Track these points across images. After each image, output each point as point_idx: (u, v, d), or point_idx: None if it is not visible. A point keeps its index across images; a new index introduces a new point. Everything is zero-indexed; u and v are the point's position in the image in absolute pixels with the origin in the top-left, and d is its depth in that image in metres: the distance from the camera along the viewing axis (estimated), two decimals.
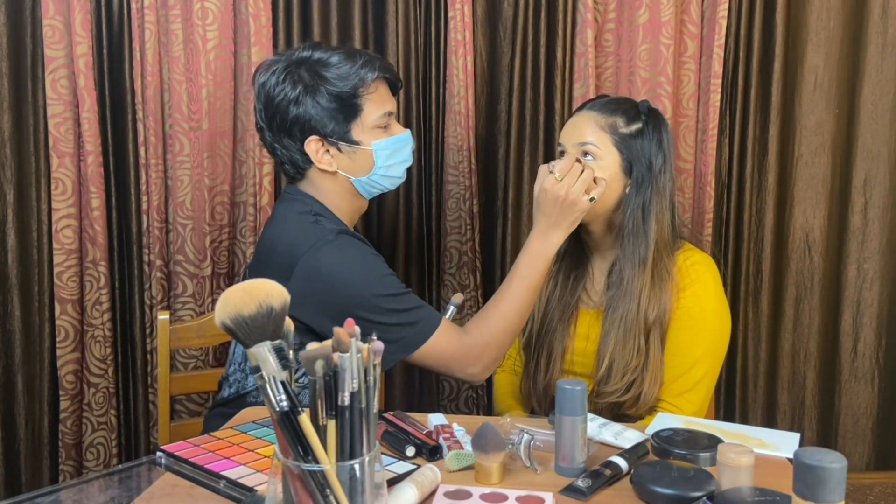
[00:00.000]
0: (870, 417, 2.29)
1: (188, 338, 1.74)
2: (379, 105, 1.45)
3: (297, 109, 1.42)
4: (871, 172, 2.19)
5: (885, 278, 2.23)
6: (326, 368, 0.77)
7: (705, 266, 1.57)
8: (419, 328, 1.38)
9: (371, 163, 1.46)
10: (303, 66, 1.43)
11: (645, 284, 1.51)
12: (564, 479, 1.11)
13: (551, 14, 2.04)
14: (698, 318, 1.53)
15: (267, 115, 1.45)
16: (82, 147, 1.95)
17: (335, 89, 1.41)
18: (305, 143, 1.43)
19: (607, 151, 1.52)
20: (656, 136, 1.55)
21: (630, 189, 1.54)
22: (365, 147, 1.45)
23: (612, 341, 1.53)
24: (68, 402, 2.01)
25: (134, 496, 1.06)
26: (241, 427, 1.27)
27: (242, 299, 0.78)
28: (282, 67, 1.43)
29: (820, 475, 0.81)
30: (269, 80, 1.44)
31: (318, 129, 1.43)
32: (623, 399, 1.52)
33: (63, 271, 1.97)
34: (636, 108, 1.57)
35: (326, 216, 1.45)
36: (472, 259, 2.09)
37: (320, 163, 1.44)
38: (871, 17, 2.13)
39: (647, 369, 1.51)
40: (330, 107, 1.41)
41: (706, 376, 1.53)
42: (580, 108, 1.61)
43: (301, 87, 1.41)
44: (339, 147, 1.44)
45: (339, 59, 1.43)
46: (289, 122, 1.43)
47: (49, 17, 1.90)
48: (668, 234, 1.55)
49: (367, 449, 0.79)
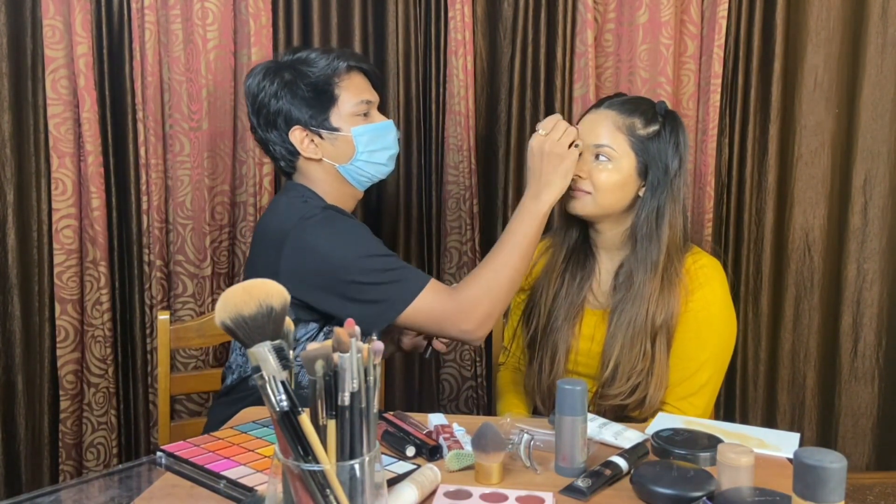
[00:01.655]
0: (870, 417, 2.29)
1: (188, 338, 1.74)
2: (354, 93, 1.51)
3: (278, 103, 1.50)
4: (871, 172, 2.19)
5: (885, 278, 2.23)
6: (326, 368, 0.77)
7: (713, 269, 1.55)
8: (407, 286, 1.39)
9: (352, 148, 1.51)
10: (283, 65, 1.52)
11: (655, 289, 1.50)
12: (564, 479, 1.11)
13: (551, 14, 2.05)
14: (705, 321, 1.52)
15: (254, 112, 1.54)
16: (82, 147, 1.95)
17: (310, 80, 1.49)
18: (290, 133, 1.50)
19: (623, 153, 1.50)
20: (673, 138, 1.53)
21: (645, 192, 1.52)
22: (345, 133, 1.50)
23: (618, 344, 1.52)
24: (68, 402, 2.01)
25: (134, 496, 1.06)
26: (241, 427, 1.27)
27: (242, 299, 0.78)
28: (265, 69, 1.53)
29: (820, 475, 0.81)
30: (253, 81, 1.53)
31: (299, 119, 1.50)
32: (627, 402, 1.51)
33: (63, 271, 1.97)
34: (654, 108, 1.55)
35: (319, 201, 1.50)
36: (472, 259, 2.09)
37: (305, 151, 1.51)
38: (871, 17, 2.13)
39: (652, 373, 1.50)
40: (307, 96, 1.49)
41: (711, 380, 1.52)
42: (597, 105, 1.58)
43: (279, 82, 1.50)
44: (321, 134, 1.50)
45: (315, 55, 1.52)
46: (272, 115, 1.51)
47: (49, 17, 1.90)
48: (679, 239, 1.54)
49: (367, 449, 0.79)
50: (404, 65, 2.06)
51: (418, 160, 2.10)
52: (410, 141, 2.09)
